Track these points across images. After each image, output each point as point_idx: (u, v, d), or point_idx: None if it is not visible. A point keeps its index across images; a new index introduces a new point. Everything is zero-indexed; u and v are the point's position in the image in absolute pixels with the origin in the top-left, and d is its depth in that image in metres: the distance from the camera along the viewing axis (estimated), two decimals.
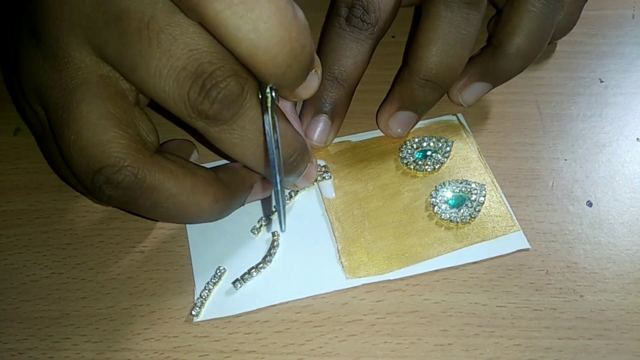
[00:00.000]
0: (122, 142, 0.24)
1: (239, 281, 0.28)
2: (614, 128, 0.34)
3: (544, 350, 0.26)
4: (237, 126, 0.24)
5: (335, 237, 0.29)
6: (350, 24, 0.31)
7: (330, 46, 0.32)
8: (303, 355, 0.26)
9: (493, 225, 0.30)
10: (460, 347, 0.26)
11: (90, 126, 0.23)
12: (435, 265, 0.28)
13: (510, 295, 0.27)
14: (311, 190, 0.31)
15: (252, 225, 0.30)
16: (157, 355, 0.26)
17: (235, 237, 0.29)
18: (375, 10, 0.31)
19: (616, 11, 0.41)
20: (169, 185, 0.25)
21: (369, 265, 0.28)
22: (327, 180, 0.31)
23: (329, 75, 0.31)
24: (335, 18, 0.32)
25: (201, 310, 0.27)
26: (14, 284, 0.28)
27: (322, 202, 0.31)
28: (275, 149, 0.23)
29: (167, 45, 0.22)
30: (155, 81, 0.22)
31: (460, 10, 0.30)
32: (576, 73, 0.37)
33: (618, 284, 0.28)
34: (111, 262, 0.29)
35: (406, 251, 0.29)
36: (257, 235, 0.30)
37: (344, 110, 0.33)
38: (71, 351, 0.26)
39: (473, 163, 0.32)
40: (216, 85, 0.22)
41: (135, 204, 0.25)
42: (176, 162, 0.26)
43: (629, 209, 0.30)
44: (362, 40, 0.31)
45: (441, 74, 0.31)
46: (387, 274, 0.28)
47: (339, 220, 0.30)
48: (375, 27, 0.31)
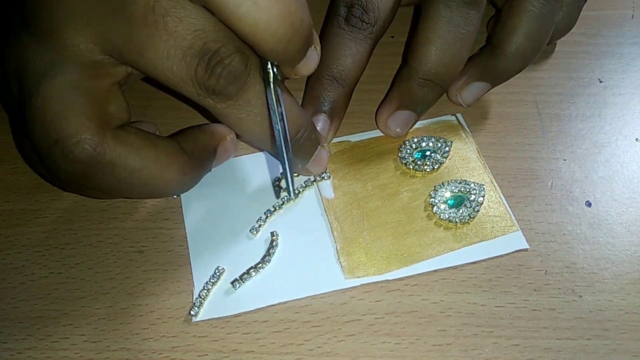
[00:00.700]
0: (85, 113, 0.23)
1: (237, 281, 0.28)
2: (613, 128, 0.34)
3: (543, 350, 0.26)
4: (242, 101, 0.24)
5: (334, 237, 0.29)
6: (349, 24, 0.31)
7: (330, 46, 0.32)
8: (301, 355, 0.26)
9: (492, 226, 0.30)
10: (458, 347, 0.26)
11: (60, 96, 0.23)
12: (434, 265, 0.28)
13: (508, 295, 0.27)
14: (310, 190, 0.31)
15: (251, 225, 0.30)
16: (156, 355, 0.26)
17: (234, 237, 0.29)
18: (374, 10, 0.31)
19: (615, 11, 0.41)
20: (131, 160, 0.25)
21: (368, 265, 0.28)
22: (326, 180, 0.31)
23: (328, 75, 0.31)
24: (334, 18, 0.32)
25: (200, 310, 0.27)
26: (12, 284, 0.28)
27: (321, 202, 0.31)
28: (280, 121, 0.24)
29: (173, 26, 0.22)
30: (164, 62, 0.23)
31: (460, 10, 0.30)
32: (575, 73, 0.37)
33: (617, 284, 0.28)
34: (110, 262, 0.29)
35: (405, 251, 0.29)
36: (255, 235, 0.30)
37: (343, 110, 0.33)
38: (70, 351, 0.26)
39: (472, 163, 0.32)
40: (221, 61, 0.23)
41: (95, 180, 0.25)
42: (138, 134, 0.25)
43: (628, 209, 0.30)
44: (361, 40, 0.31)
45: (440, 73, 0.31)
46: (385, 274, 0.28)
47: (337, 220, 0.30)
48: (375, 27, 0.31)
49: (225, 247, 0.29)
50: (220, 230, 0.30)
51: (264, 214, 0.30)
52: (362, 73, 0.32)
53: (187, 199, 0.31)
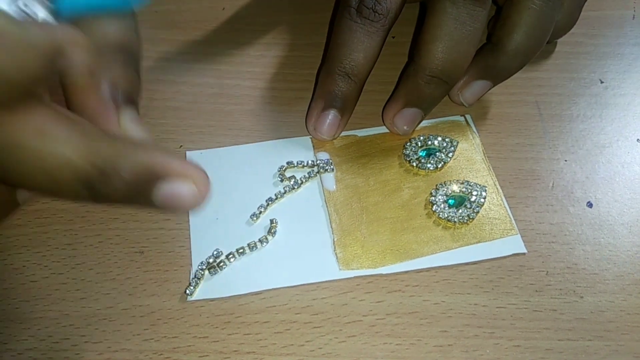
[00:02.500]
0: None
1: (223, 262, 0.28)
2: (614, 129, 0.34)
3: (544, 351, 0.26)
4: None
5: (332, 229, 0.30)
6: (361, 15, 0.31)
7: (341, 39, 0.31)
8: (302, 356, 0.26)
9: (491, 228, 0.29)
10: (460, 348, 0.26)
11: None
12: (429, 263, 0.28)
13: (510, 296, 0.27)
14: (313, 181, 0.32)
15: (252, 211, 0.30)
16: (157, 356, 0.26)
17: (234, 222, 0.30)
18: (386, 1, 0.31)
19: (616, 12, 0.41)
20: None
21: (363, 258, 0.28)
22: (329, 173, 0.32)
23: (340, 70, 0.31)
24: (345, 9, 0.31)
25: (195, 290, 0.27)
26: (13, 285, 0.28)
27: (323, 194, 0.31)
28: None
29: None
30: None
31: (466, 7, 0.30)
32: (576, 74, 0.37)
33: (618, 285, 0.28)
34: (111, 262, 0.29)
35: (401, 247, 0.29)
36: (255, 222, 0.30)
37: (353, 105, 0.33)
38: (70, 352, 0.26)
39: (476, 165, 0.32)
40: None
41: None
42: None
43: (629, 209, 0.30)
44: (373, 33, 0.31)
45: (447, 70, 0.30)
46: (379, 268, 0.28)
47: (337, 213, 0.30)
48: (387, 18, 0.31)
49: (225, 232, 0.30)
50: (221, 215, 0.30)
51: (266, 202, 0.30)
52: (373, 67, 0.32)
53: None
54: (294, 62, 0.38)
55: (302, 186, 0.31)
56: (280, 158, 0.32)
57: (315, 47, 0.38)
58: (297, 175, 0.32)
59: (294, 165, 0.32)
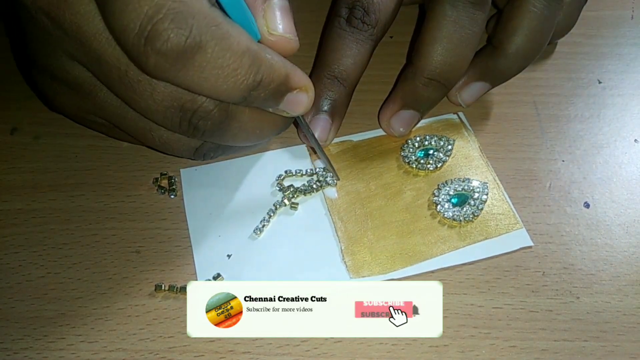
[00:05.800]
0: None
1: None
2: (611, 129, 0.34)
3: (540, 351, 0.26)
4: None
5: (338, 237, 0.29)
6: (350, 25, 0.31)
7: (331, 46, 0.32)
8: (298, 356, 0.26)
9: (496, 224, 0.29)
10: (455, 348, 0.26)
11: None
12: (439, 264, 0.28)
13: (506, 296, 0.27)
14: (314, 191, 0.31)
15: (254, 225, 0.30)
16: (152, 356, 0.26)
17: (237, 237, 0.29)
18: (375, 12, 0.31)
19: (615, 12, 0.41)
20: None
21: (373, 264, 0.28)
22: (332, 187, 0.31)
23: (329, 74, 0.31)
24: (335, 18, 0.32)
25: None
26: (9, 284, 0.28)
27: (325, 202, 0.31)
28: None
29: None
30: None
31: (466, 10, 0.30)
32: (574, 74, 0.37)
33: (614, 286, 0.28)
34: (107, 262, 0.29)
35: (409, 250, 0.29)
36: (259, 236, 0.29)
37: (344, 109, 0.33)
38: (66, 351, 0.26)
39: (475, 161, 0.32)
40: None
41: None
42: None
43: (626, 210, 0.30)
44: (362, 41, 0.31)
45: (445, 73, 0.31)
46: (390, 273, 0.28)
47: (341, 220, 0.30)
48: (375, 28, 0.31)
49: (228, 248, 0.29)
50: (223, 231, 0.30)
51: (267, 214, 0.30)
52: (362, 73, 0.32)
53: (190, 201, 0.31)
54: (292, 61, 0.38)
55: (304, 196, 0.31)
56: (276, 168, 0.32)
57: (313, 47, 0.38)
58: (296, 184, 0.31)
59: (292, 174, 0.32)
